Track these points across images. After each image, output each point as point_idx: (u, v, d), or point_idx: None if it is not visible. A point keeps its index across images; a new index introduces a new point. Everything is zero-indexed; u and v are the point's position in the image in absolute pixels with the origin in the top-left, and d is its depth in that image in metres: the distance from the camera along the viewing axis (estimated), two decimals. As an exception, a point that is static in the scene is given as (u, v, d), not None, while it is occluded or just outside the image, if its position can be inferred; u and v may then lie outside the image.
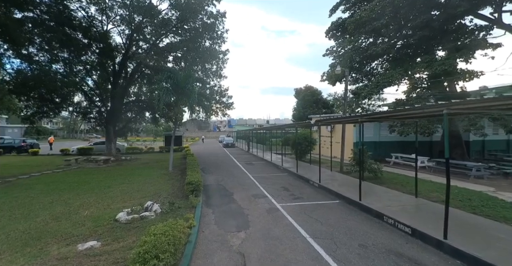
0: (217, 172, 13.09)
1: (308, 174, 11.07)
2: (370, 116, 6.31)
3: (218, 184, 10.21)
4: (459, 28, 14.96)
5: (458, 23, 15.00)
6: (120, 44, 16.70)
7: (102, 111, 17.44)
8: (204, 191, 8.87)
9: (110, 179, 10.53)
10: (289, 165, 14.42)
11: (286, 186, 9.61)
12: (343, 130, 12.98)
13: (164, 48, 17.05)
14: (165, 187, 9.17)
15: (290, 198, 7.90)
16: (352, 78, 21.28)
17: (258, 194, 8.50)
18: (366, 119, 6.77)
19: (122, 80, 17.39)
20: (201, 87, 14.51)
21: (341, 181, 9.68)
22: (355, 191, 7.81)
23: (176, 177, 10.93)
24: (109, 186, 9.33)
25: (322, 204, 7.17)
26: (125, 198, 7.65)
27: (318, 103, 38.94)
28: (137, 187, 9.07)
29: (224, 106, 18.20)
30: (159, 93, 10.91)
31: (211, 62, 15.88)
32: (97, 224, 5.51)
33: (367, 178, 10.36)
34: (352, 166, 10.90)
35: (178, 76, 11.72)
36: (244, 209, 6.85)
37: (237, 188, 9.40)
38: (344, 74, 12.75)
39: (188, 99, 11.35)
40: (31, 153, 20.06)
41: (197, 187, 7.49)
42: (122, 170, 12.96)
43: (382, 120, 8.01)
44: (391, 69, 15.95)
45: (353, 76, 21.08)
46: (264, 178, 11.44)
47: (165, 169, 12.93)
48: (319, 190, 8.88)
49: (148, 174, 11.64)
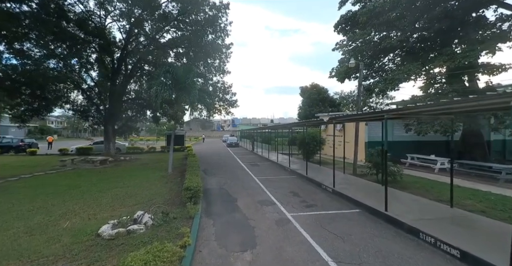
0: (220, 173, 12.19)
1: (319, 177, 10.08)
2: (399, 111, 5.29)
3: (220, 187, 9.29)
4: (478, 20, 13.80)
5: (477, 15, 13.85)
6: (119, 39, 15.91)
7: (100, 109, 16.67)
8: (204, 196, 7.96)
9: (104, 182, 9.70)
10: (297, 166, 13.43)
11: (296, 191, 8.63)
12: (357, 129, 11.95)
13: (165, 44, 16.20)
14: (161, 191, 8.28)
15: (302, 206, 6.93)
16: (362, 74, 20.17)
17: (265, 200, 7.56)
18: (394, 116, 5.76)
19: (122, 77, 16.61)
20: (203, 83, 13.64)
21: (357, 186, 8.66)
22: (376, 198, 6.82)
23: (175, 180, 10.05)
24: (101, 190, 8.49)
25: (340, 215, 6.19)
26: (115, 205, 6.78)
27: (325, 102, 37.78)
28: (131, 192, 8.20)
29: (227, 104, 17.28)
30: (157, 88, 10.03)
31: (214, 56, 14.94)
32: (75, 239, 4.63)
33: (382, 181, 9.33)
34: (369, 168, 9.87)
35: (178, 71, 10.83)
36: (249, 219, 5.91)
37: (241, 193, 8.46)
38: (359, 68, 11.70)
39: (188, 95, 10.45)
40: (29, 152, 19.44)
41: (196, 193, 6.57)
42: (119, 172, 12.14)
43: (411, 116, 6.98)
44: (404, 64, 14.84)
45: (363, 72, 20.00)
46: (270, 181, 10.49)
47: (164, 171, 12.08)
48: (333, 196, 7.89)
49: (145, 177, 10.79)
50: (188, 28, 15.75)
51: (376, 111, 5.74)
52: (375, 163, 9.54)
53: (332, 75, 19.69)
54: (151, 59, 14.66)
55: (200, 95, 11.49)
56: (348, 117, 7.61)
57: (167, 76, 10.52)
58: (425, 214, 5.57)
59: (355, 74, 19.72)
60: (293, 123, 12.80)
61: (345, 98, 50.50)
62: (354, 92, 52.82)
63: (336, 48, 18.41)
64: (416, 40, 15.34)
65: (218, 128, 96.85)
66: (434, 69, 13.68)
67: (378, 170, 9.51)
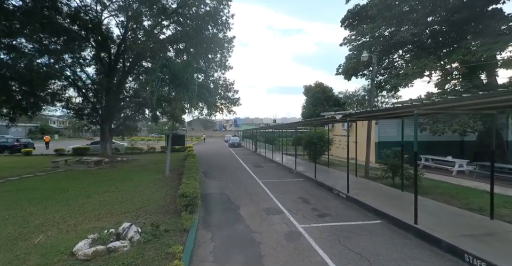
0: (221, 176, 11.36)
1: (329, 181, 9.20)
2: (435, 105, 4.39)
3: (221, 192, 8.45)
4: (494, 13, 12.87)
5: (493, 9, 12.93)
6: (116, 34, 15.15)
7: (97, 108, 15.92)
8: (203, 203, 7.14)
9: (95, 186, 8.90)
10: (303, 168, 12.56)
11: (305, 197, 7.77)
12: (369, 128, 11.06)
13: (165, 40, 15.42)
14: (155, 196, 7.46)
15: (314, 215, 6.06)
16: (369, 72, 19.27)
17: (271, 207, 6.70)
18: (427, 111, 4.85)
19: (119, 74, 15.85)
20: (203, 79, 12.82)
21: (373, 191, 7.77)
22: (399, 206, 5.95)
23: (172, 183, 9.23)
24: (89, 195, 7.69)
25: (360, 227, 5.31)
26: (101, 214, 5.97)
27: (329, 101, 36.81)
28: (123, 197, 7.40)
29: (229, 102, 16.44)
30: (152, 84, 9.22)
31: (215, 50, 14.08)
32: (43, 260, 3.81)
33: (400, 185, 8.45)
34: (384, 171, 8.97)
35: (176, 65, 10.02)
36: (254, 232, 5.06)
37: (244, 199, 7.62)
38: (372, 61, 10.80)
39: (186, 92, 9.63)
40: (24, 152, 18.77)
41: (193, 201, 5.74)
42: (113, 174, 11.35)
43: (446, 111, 6.07)
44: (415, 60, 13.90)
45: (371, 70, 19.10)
46: (276, 184, 9.63)
47: (161, 173, 11.27)
48: (348, 203, 7.00)
49: (140, 179, 9.99)
50: (188, 22, 14.94)
51: (404, 105, 4.84)
52: (392, 165, 8.64)
53: (339, 72, 18.84)
54: (149, 54, 13.86)
55: (200, 91, 10.66)
56: (367, 113, 6.70)
57: (164, 71, 9.71)
58: (463, 229, 4.68)
59: (363, 71, 18.88)
60: (300, 122, 11.93)
61: (349, 97, 49.53)
62: (359, 91, 51.94)
63: (344, 43, 17.50)
64: (429, 34, 14.41)
65: (221, 128, 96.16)
66: (452, 63, 12.72)
67: (396, 173, 8.61)
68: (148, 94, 9.24)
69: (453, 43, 14.08)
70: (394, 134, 16.61)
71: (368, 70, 18.82)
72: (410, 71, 12.44)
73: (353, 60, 17.74)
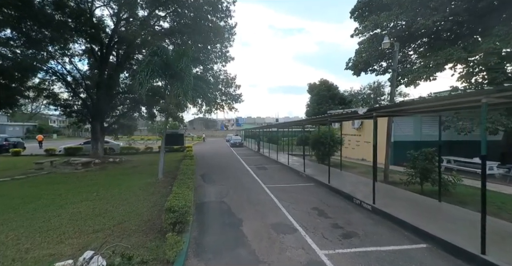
0: (221, 180, 10.09)
1: (347, 187, 7.89)
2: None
3: (220, 201, 7.18)
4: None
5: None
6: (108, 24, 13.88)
7: (87, 104, 14.71)
8: (198, 214, 5.89)
9: (74, 192, 7.67)
10: (312, 171, 11.27)
11: (320, 207, 6.47)
12: (389, 125, 9.74)
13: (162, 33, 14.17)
14: (141, 207, 6.21)
15: (337, 235, 4.77)
16: (381, 67, 17.97)
17: (281, 223, 5.42)
18: (501, 99, 3.54)
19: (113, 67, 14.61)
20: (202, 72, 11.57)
21: (404, 201, 6.45)
22: (445, 223, 4.66)
23: (164, 189, 7.97)
24: (63, 205, 6.46)
25: (402, 254, 4.01)
26: (67, 232, 4.72)
27: (335, 99, 35.53)
28: (101, 208, 6.15)
29: (230, 98, 15.15)
30: (141, 74, 7.96)
31: (214, 40, 12.74)
32: None
33: (431, 193, 7.18)
34: (410, 176, 7.65)
35: (169, 54, 8.76)
36: (261, 262, 3.79)
37: (247, 209, 6.34)
38: (394, 49, 9.46)
39: (181, 84, 8.36)
40: (13, 153, 17.63)
41: (182, 217, 4.48)
42: (100, 177, 10.13)
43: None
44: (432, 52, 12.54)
45: (382, 65, 17.79)
46: (283, 190, 8.34)
47: (154, 176, 10.02)
48: (376, 218, 5.69)
49: (128, 184, 8.74)
50: (186, 12, 13.64)
51: (467, 93, 3.54)
52: (422, 169, 7.32)
53: (348, 66, 17.53)
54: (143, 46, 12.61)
55: (197, 84, 9.40)
56: (401, 106, 5.30)
57: (155, 60, 8.45)
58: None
59: (373, 67, 17.60)
60: (311, 119, 10.63)
61: (354, 96, 48.11)
62: (365, 89, 50.54)
63: (356, 34, 16.14)
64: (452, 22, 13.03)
65: (222, 128, 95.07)
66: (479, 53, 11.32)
67: (427, 178, 7.28)
68: (136, 86, 7.97)
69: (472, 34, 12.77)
70: (411, 133, 15.27)
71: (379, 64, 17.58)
72: (434, 62, 11.07)
73: (364, 53, 16.46)
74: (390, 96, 9.68)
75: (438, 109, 5.47)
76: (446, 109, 5.47)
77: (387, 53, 16.47)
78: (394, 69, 9.68)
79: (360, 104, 45.18)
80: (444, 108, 5.05)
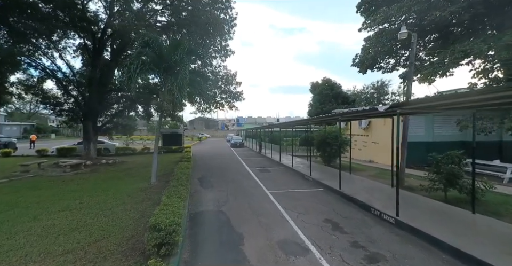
0: (220, 184, 9.23)
1: (361, 194, 7.01)
2: None
3: (218, 210, 6.32)
4: None
5: None
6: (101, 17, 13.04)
7: (79, 102, 13.88)
8: (192, 228, 5.04)
9: (54, 199, 6.83)
10: (319, 174, 10.40)
11: (334, 219, 5.61)
12: (405, 124, 8.86)
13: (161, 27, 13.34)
14: (126, 219, 5.36)
15: (359, 258, 3.91)
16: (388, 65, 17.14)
17: (290, 240, 4.56)
18: None
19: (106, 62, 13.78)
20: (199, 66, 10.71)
21: (431, 212, 5.57)
22: (494, 245, 3.76)
23: (155, 196, 7.10)
24: (38, 215, 5.62)
25: (448, 288, 3.15)
26: (30, 254, 3.88)
27: (338, 98, 34.60)
28: (80, 220, 5.31)
29: (230, 96, 14.29)
30: (130, 67, 7.11)
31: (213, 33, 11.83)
32: None
33: (457, 201, 6.34)
34: (432, 181, 6.77)
35: (162, 45, 7.91)
36: (269, 301, 2.92)
37: (249, 222, 5.48)
38: (411, 40, 8.58)
39: (175, 79, 7.51)
40: (2, 153, 16.80)
41: (169, 238, 3.62)
42: (88, 181, 9.29)
43: None
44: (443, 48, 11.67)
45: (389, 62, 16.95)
46: (289, 197, 7.48)
47: (146, 180, 9.19)
48: (402, 234, 4.81)
49: (117, 190, 7.90)
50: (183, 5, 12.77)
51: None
52: (448, 174, 6.44)
53: (355, 63, 16.71)
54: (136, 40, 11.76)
55: (194, 79, 8.56)
56: (435, 101, 4.38)
57: (146, 52, 7.60)
58: None
59: (379, 64, 16.79)
60: (317, 118, 9.71)
61: (357, 95, 47.20)
62: (368, 88, 49.62)
63: (364, 28, 15.25)
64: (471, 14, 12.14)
65: (223, 128, 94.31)
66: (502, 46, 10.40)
67: (454, 185, 6.40)
68: (125, 80, 7.12)
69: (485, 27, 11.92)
70: (422, 133, 14.36)
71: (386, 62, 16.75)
72: (451, 57, 10.18)
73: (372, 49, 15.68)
74: (406, 93, 8.83)
75: (477, 105, 4.59)
76: (486, 105, 4.58)
77: (395, 50, 15.69)
78: (411, 63, 8.80)
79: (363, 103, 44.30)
80: (487, 103, 4.17)
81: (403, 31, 8.02)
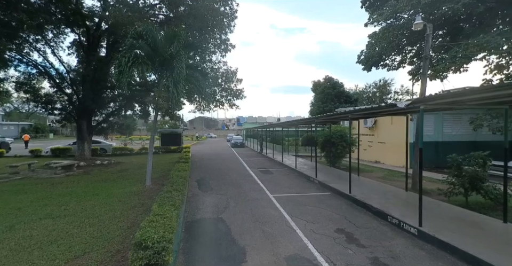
0: (220, 187, 8.63)
1: (374, 199, 6.40)
2: None
3: (218, 217, 5.71)
4: None
5: None
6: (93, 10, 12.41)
7: (72, 101, 13.28)
8: (186, 241, 4.44)
9: (37, 205, 6.23)
10: (325, 176, 9.78)
11: (347, 229, 4.99)
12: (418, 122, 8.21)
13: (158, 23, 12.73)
14: (113, 229, 4.75)
15: (383, 279, 3.30)
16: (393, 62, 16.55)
17: (300, 255, 3.95)
18: None
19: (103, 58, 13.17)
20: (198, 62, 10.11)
21: (460, 222, 4.93)
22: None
23: (149, 201, 6.50)
24: (15, 224, 5.02)
25: None
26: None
27: (340, 97, 33.91)
28: (62, 230, 4.71)
29: (231, 94, 13.67)
30: (121, 60, 6.51)
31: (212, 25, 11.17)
32: None
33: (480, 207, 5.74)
34: (451, 185, 6.15)
35: (157, 36, 7.29)
36: None
37: (252, 232, 4.87)
38: (426, 32, 7.94)
39: (170, 73, 6.91)
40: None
41: (157, 258, 3.00)
42: (79, 184, 8.69)
43: None
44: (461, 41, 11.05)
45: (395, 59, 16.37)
46: (295, 202, 6.87)
47: (141, 183, 8.60)
48: (428, 249, 4.19)
49: (108, 194, 7.30)
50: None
51: None
52: (471, 177, 5.82)
53: (360, 60, 16.12)
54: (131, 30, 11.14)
55: (192, 75, 7.95)
56: (473, 93, 3.70)
57: (139, 44, 6.98)
58: None
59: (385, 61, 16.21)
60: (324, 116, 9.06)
61: (359, 94, 46.58)
62: (370, 87, 49.01)
63: (371, 22, 14.63)
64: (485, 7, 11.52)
65: (223, 127, 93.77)
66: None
67: (479, 189, 5.78)
68: (115, 75, 6.52)
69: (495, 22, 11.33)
70: (431, 133, 13.73)
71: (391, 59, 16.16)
72: (466, 51, 9.54)
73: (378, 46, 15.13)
74: (420, 89, 8.21)
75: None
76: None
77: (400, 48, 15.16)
78: (426, 56, 8.17)
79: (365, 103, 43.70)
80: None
81: (418, 22, 7.39)
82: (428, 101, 4.33)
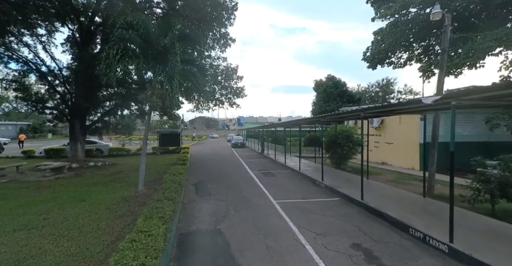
0: (219, 192, 7.98)
1: (390, 207, 5.73)
2: None
3: (215, 229, 5.05)
4: None
5: None
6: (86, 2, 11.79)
7: (65, 99, 12.67)
8: (177, 260, 3.78)
9: (14, 214, 5.59)
10: (332, 179, 9.13)
11: (364, 244, 4.33)
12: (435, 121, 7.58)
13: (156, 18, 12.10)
14: (95, 244, 4.10)
15: (419, 315, 2.64)
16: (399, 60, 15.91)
17: (312, 279, 3.29)
18: None
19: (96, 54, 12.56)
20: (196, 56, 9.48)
21: (495, 237, 4.26)
22: None
23: (139, 208, 5.83)
24: (-18, 238, 4.37)
25: None
26: None
27: (343, 97, 33.22)
28: (34, 246, 4.07)
29: (231, 92, 13.03)
30: (108, 52, 5.87)
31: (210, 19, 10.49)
32: None
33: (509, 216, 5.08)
34: (476, 191, 5.49)
35: (149, 27, 6.65)
36: None
37: (254, 248, 4.22)
38: (444, 23, 7.26)
39: (164, 67, 6.26)
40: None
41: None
42: (67, 188, 8.05)
43: None
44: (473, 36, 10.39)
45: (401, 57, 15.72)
46: (302, 210, 6.22)
47: (134, 186, 7.96)
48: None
49: (95, 200, 6.66)
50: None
51: None
52: (500, 184, 5.15)
53: (366, 57, 15.50)
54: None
55: (188, 70, 7.31)
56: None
57: (129, 35, 6.34)
58: None
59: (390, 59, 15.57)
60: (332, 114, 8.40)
61: (362, 94, 45.87)
62: (373, 87, 48.28)
63: (378, 17, 13.98)
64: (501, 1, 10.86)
65: (224, 127, 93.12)
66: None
67: (510, 197, 5.11)
68: (102, 69, 5.89)
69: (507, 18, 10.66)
70: (442, 133, 13.04)
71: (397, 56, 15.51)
72: (483, 45, 8.87)
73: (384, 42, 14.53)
74: (437, 86, 7.57)
75: None
76: None
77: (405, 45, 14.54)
78: (444, 49, 7.49)
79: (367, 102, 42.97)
80: None
81: (436, 11, 6.71)
82: (461, 96, 3.68)
